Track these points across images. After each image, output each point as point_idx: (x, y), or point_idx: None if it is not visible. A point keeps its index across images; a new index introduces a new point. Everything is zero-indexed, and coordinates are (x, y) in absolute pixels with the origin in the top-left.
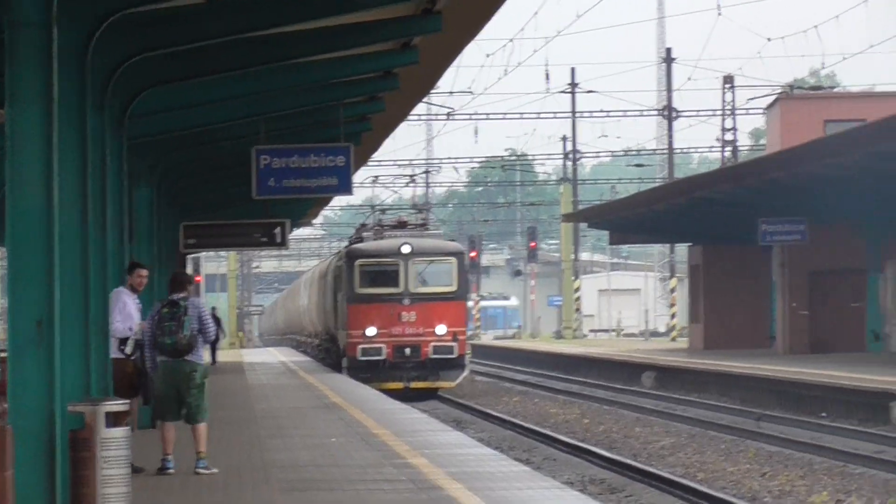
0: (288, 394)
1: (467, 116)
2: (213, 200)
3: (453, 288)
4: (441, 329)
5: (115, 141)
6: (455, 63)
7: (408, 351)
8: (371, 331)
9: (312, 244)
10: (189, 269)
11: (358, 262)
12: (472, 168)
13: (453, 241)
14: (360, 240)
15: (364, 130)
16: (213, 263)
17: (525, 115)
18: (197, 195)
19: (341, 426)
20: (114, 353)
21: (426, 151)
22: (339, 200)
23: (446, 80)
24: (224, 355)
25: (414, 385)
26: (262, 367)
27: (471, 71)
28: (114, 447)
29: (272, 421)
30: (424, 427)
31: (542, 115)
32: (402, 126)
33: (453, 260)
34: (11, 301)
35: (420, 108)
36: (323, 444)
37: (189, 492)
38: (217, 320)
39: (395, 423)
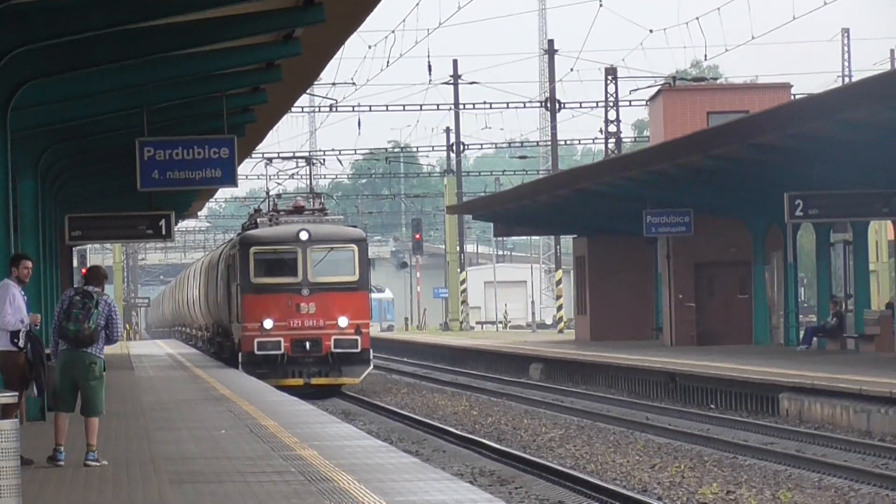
0: (176, 386)
1: (350, 108)
2: (99, 192)
3: (355, 277)
4: (343, 321)
5: (0, 132)
6: (338, 55)
7: (308, 345)
8: (268, 323)
9: (198, 236)
10: (75, 262)
11: (253, 249)
12: (356, 160)
13: (354, 227)
14: (255, 226)
15: (248, 122)
16: (98, 256)
17: (408, 107)
18: (82, 187)
19: (230, 418)
20: (5, 346)
21: (310, 143)
22: (224, 192)
23: (329, 72)
24: (110, 348)
25: (315, 381)
26: (150, 360)
27: (353, 62)
28: (2, 440)
29: (160, 413)
30: (313, 419)
31: (424, 107)
32: (286, 118)
33: (354, 247)
34: None
35: (303, 100)
36: (211, 436)
37: (79, 484)
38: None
39: (283, 415)
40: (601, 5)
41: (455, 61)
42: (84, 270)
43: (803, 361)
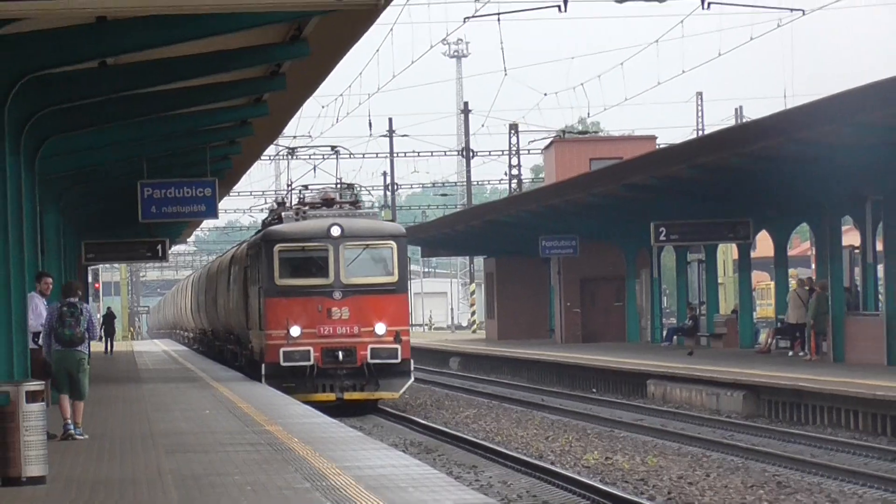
0: (169, 376)
1: (307, 156)
2: (108, 223)
3: (394, 278)
4: (380, 328)
5: (29, 177)
6: (297, 115)
7: (340, 355)
8: (295, 331)
9: (187, 258)
10: (90, 278)
11: (278, 247)
12: (312, 197)
13: (391, 221)
14: (279, 220)
15: (226, 168)
16: (108, 272)
17: (353, 155)
18: (95, 219)
19: (212, 401)
20: (31, 345)
21: (275, 184)
22: (207, 223)
23: (289, 128)
24: (118, 346)
25: (348, 396)
26: (149, 356)
27: (309, 119)
28: (33, 419)
29: (157, 398)
30: (278, 401)
31: (366, 155)
32: (256, 164)
33: (393, 244)
34: None
35: (270, 150)
36: (198, 416)
37: (93, 454)
38: (112, 317)
39: (254, 398)
40: (506, 74)
41: (390, 119)
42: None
43: (665, 355)
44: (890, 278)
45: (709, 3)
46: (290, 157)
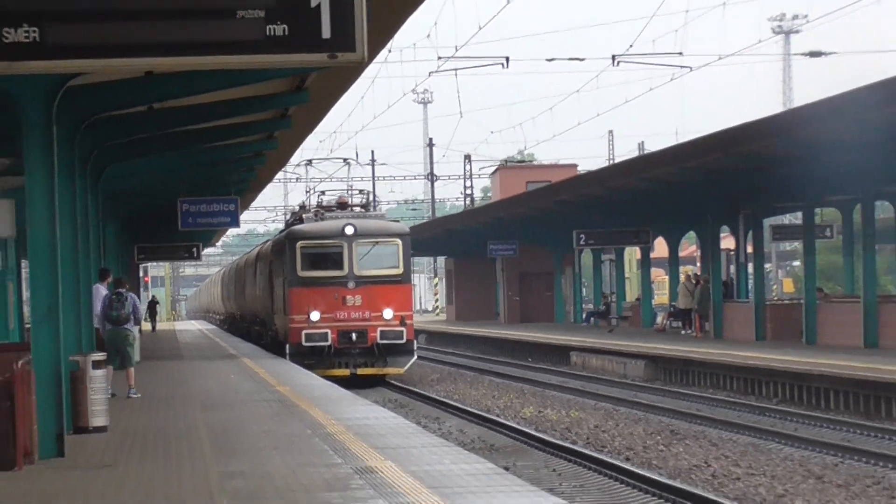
0: (202, 349)
1: (307, 180)
2: (154, 230)
3: (399, 270)
4: (388, 313)
5: (93, 196)
6: (299, 147)
7: (354, 336)
8: (315, 316)
9: (215, 257)
10: (141, 273)
11: (299, 243)
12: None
13: (397, 222)
14: (300, 221)
15: (246, 188)
16: (154, 269)
17: (343, 179)
18: (144, 227)
19: (236, 369)
20: (96, 325)
21: (283, 202)
22: (231, 230)
23: (294, 158)
24: (162, 325)
25: (361, 371)
26: (187, 333)
27: (309, 151)
28: (97, 382)
29: (193, 366)
30: (287, 369)
31: (353, 179)
32: (269, 185)
33: (398, 241)
34: (32, 294)
35: (278, 175)
36: (225, 380)
37: (144, 409)
38: (156, 303)
39: (267, 367)
40: (461, 116)
41: (372, 151)
42: (111, 278)
43: (585, 333)
44: (757, 274)
45: (618, 62)
46: (307, 166)
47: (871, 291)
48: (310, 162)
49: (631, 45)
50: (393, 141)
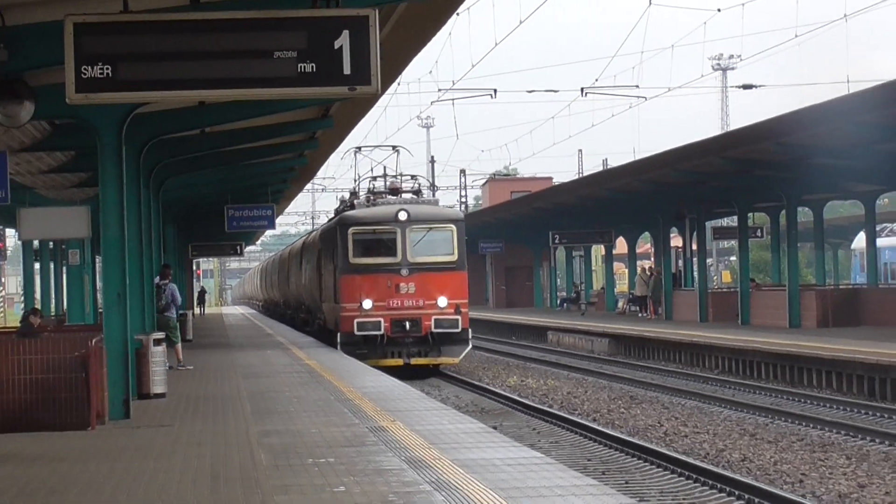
0: (244, 329)
1: (332, 190)
2: (205, 231)
3: (454, 257)
4: (442, 301)
5: (155, 203)
6: (326, 162)
7: (407, 325)
8: (367, 304)
9: (255, 254)
10: (195, 267)
11: (351, 230)
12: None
13: (451, 207)
14: (352, 207)
15: (281, 196)
16: (206, 263)
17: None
18: (197, 229)
19: (273, 345)
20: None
21: (311, 208)
22: (269, 232)
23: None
24: (211, 309)
25: (415, 361)
26: (232, 317)
27: (332, 167)
28: (157, 357)
29: (237, 344)
30: (315, 346)
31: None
32: (300, 194)
33: (453, 227)
34: (104, 284)
35: (307, 185)
36: (263, 355)
37: (196, 379)
38: (204, 292)
39: (300, 345)
40: (457, 138)
41: (384, 167)
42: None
43: (559, 315)
44: (700, 267)
45: (586, 93)
46: (356, 153)
47: (795, 281)
48: (359, 149)
49: (596, 80)
50: (401, 159)
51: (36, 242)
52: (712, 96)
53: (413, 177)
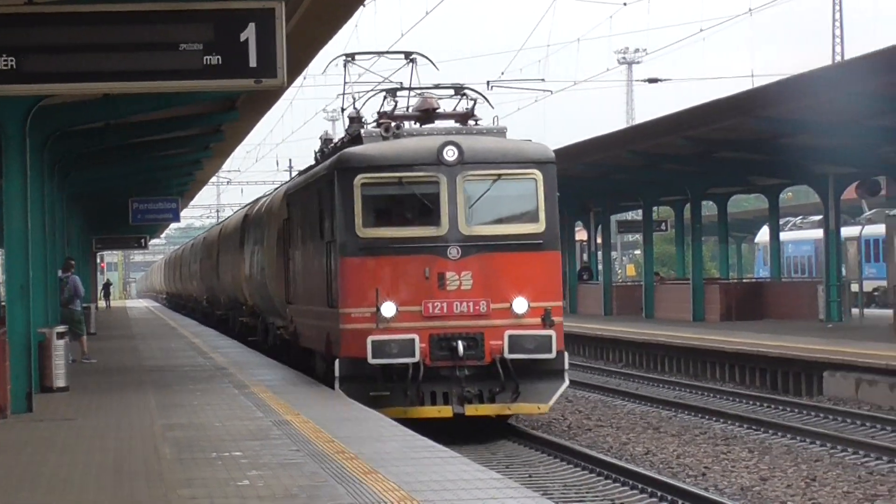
0: (148, 322)
1: (237, 183)
2: (110, 224)
3: (539, 227)
4: (520, 305)
5: (59, 195)
6: (231, 155)
7: (461, 346)
8: (389, 309)
9: (160, 247)
10: (98, 260)
11: (360, 179)
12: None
13: (529, 140)
14: (356, 141)
15: (185, 189)
16: (109, 256)
17: (266, 182)
18: (102, 222)
19: (175, 336)
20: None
21: (217, 201)
22: (173, 224)
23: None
24: (116, 302)
25: (472, 411)
26: (136, 310)
27: (238, 159)
28: (59, 350)
29: (141, 335)
30: (210, 334)
31: (275, 182)
32: (205, 187)
33: (538, 175)
34: (7, 276)
35: (212, 178)
36: (166, 347)
37: (100, 372)
38: (109, 285)
39: (202, 336)
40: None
41: (290, 159)
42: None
43: None
44: (605, 260)
45: (492, 86)
46: (348, 63)
47: (698, 275)
48: (351, 58)
49: (503, 73)
50: (308, 152)
51: None
52: (618, 90)
53: (460, 89)
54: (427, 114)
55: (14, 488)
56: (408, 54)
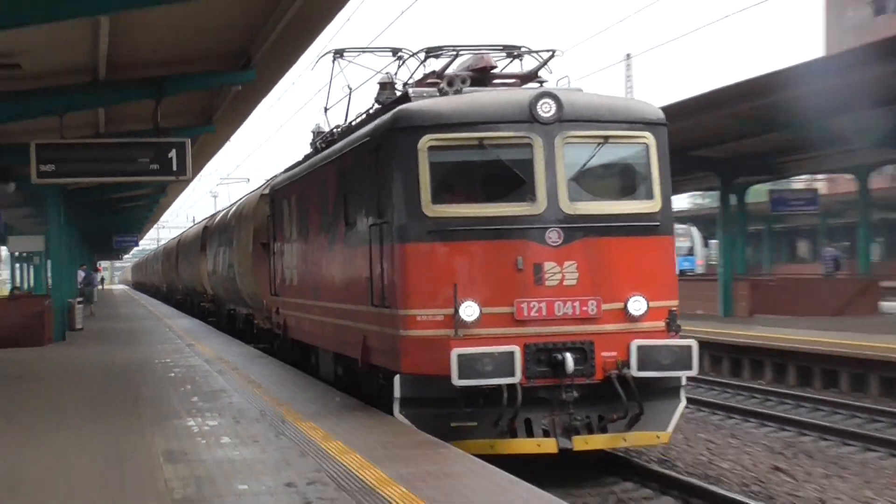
0: (123, 297)
1: (171, 227)
2: (104, 248)
3: (654, 205)
4: (638, 304)
5: (77, 234)
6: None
7: (569, 360)
8: (471, 309)
9: (129, 258)
10: (98, 264)
11: (427, 140)
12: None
13: (629, 97)
14: (403, 100)
15: (146, 220)
16: (104, 263)
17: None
18: (99, 247)
19: (138, 306)
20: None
21: (157, 235)
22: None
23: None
24: (107, 287)
25: (582, 445)
26: (116, 290)
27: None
28: (78, 310)
29: (121, 303)
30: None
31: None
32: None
33: (649, 139)
34: (53, 274)
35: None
36: (132, 311)
37: (99, 320)
38: (102, 279)
39: (146, 301)
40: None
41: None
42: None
43: None
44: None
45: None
46: (337, 59)
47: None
48: (340, 54)
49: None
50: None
51: (16, 253)
52: (617, 88)
53: (514, 50)
54: (482, 74)
55: (64, 360)
56: (395, 51)
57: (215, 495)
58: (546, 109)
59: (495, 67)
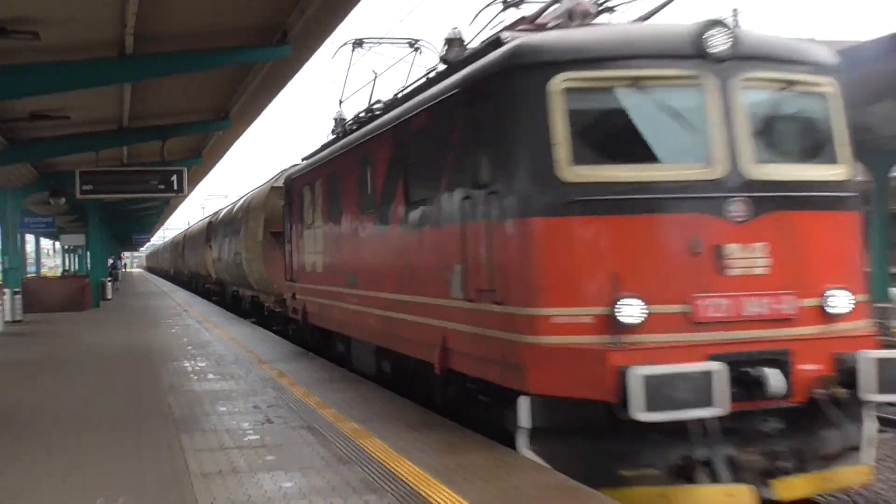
0: (140, 278)
1: (171, 228)
2: (126, 242)
3: (842, 171)
4: (841, 300)
5: (107, 233)
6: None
7: (772, 377)
8: (632, 308)
9: (144, 249)
10: (123, 254)
11: (563, 81)
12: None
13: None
14: (497, 44)
15: (150, 228)
16: (126, 253)
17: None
18: (123, 242)
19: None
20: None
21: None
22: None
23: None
24: (128, 271)
25: (785, 491)
26: (135, 273)
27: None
28: (108, 287)
29: (139, 282)
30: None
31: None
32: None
33: (829, 85)
34: (91, 261)
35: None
36: (147, 288)
37: (123, 295)
38: (124, 264)
39: (158, 283)
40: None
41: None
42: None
43: None
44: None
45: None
46: (356, 48)
47: None
48: (360, 43)
49: None
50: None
51: (66, 246)
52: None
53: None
54: (582, 19)
55: (99, 319)
56: (412, 42)
57: (202, 413)
58: (719, 44)
59: (594, 13)
